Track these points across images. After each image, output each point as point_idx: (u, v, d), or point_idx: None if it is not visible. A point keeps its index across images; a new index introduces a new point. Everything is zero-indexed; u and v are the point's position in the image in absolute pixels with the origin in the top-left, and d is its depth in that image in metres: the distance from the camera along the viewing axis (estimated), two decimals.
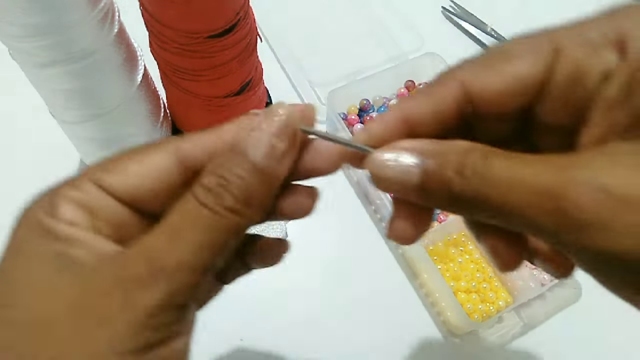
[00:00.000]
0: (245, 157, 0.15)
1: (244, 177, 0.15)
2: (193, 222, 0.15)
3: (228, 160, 0.15)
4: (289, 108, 0.16)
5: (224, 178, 0.15)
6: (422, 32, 0.48)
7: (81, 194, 0.16)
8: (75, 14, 0.28)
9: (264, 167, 0.15)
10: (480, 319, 0.35)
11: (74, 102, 0.33)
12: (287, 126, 0.15)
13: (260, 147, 0.15)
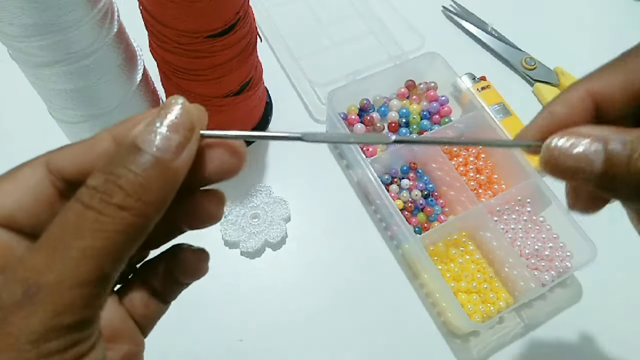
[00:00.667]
0: (136, 149, 0.14)
1: (136, 170, 0.14)
2: (75, 229, 0.13)
3: (118, 155, 0.14)
4: (184, 101, 0.15)
5: (113, 173, 0.14)
6: (422, 32, 0.48)
7: (29, 173, 0.15)
8: (74, 14, 0.28)
9: (158, 158, 0.14)
10: (480, 319, 0.35)
11: (73, 102, 0.33)
12: (182, 117, 0.15)
13: (153, 138, 0.14)
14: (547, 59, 0.49)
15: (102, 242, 0.13)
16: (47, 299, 0.12)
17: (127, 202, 0.13)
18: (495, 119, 0.44)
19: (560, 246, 0.38)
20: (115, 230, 0.13)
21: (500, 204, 0.39)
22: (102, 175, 0.14)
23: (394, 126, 0.44)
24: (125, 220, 0.13)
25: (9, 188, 0.15)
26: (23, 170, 0.16)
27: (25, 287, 0.13)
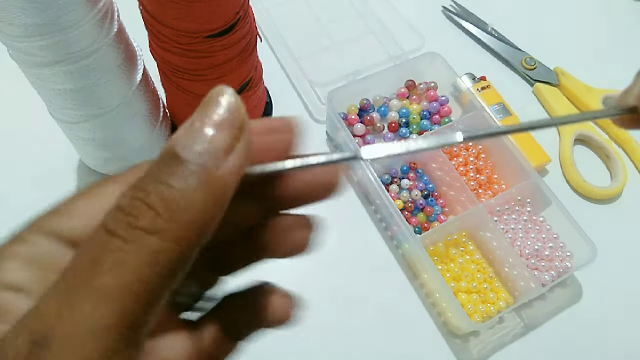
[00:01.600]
0: (173, 156, 0.11)
1: (169, 182, 0.11)
2: (94, 263, 0.10)
3: (152, 166, 0.11)
4: (231, 93, 0.12)
5: (142, 189, 0.11)
6: (422, 32, 0.48)
7: (29, 248, 0.12)
8: (74, 14, 0.28)
9: (197, 165, 0.11)
10: (480, 319, 0.35)
11: (73, 102, 0.33)
12: (227, 112, 0.12)
13: (191, 140, 0.11)
14: (547, 59, 0.49)
15: (125, 278, 0.10)
16: (59, 354, 0.10)
17: (156, 224, 0.10)
18: (495, 119, 0.44)
19: (560, 246, 0.38)
20: (140, 262, 0.10)
21: (500, 204, 0.39)
22: (130, 192, 0.11)
23: (393, 126, 0.44)
24: (153, 247, 0.10)
25: (86, 209, 0.13)
26: (101, 190, 0.13)
27: (34, 339, 0.10)
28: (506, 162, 0.41)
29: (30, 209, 0.14)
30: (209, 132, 0.11)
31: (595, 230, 0.37)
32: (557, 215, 0.38)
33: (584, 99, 0.46)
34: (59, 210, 0.13)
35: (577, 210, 0.39)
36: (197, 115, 0.12)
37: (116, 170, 0.40)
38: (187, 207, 0.11)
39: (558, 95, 0.47)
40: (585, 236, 0.36)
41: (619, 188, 0.42)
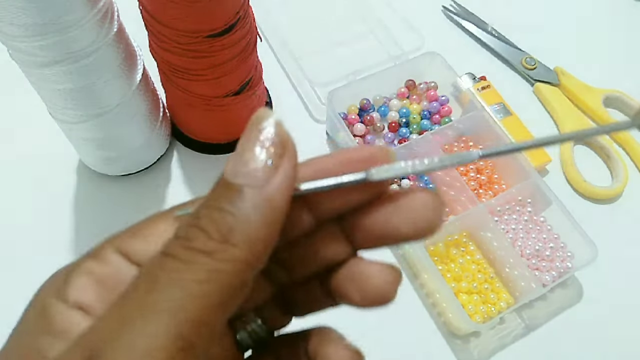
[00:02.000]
0: (223, 182, 0.12)
1: (219, 207, 0.11)
2: (150, 282, 0.11)
3: (204, 197, 0.12)
4: (270, 115, 0.12)
5: (197, 216, 0.11)
6: (422, 32, 0.48)
7: (100, 266, 0.13)
8: (74, 14, 0.28)
9: (243, 185, 0.11)
10: (481, 320, 0.35)
11: (73, 102, 0.33)
12: (271, 134, 0.12)
13: (237, 164, 0.12)
14: (547, 58, 0.49)
15: (178, 296, 0.10)
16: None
17: (209, 245, 0.11)
18: (495, 119, 0.44)
19: (561, 246, 0.38)
20: (194, 280, 0.10)
21: (500, 204, 0.39)
22: (186, 220, 0.12)
23: (394, 126, 0.43)
24: (207, 267, 0.11)
25: (165, 231, 0.13)
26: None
27: (87, 355, 0.10)
28: (506, 162, 0.41)
29: (30, 209, 0.14)
30: (252, 154, 0.12)
31: (595, 230, 0.37)
32: (558, 215, 0.38)
33: (585, 98, 0.46)
34: (134, 231, 0.13)
35: (578, 210, 0.39)
36: (241, 141, 0.12)
37: (115, 170, 0.40)
38: (237, 227, 0.11)
39: (558, 95, 0.47)
40: (586, 236, 0.36)
41: (619, 188, 0.42)
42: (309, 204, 0.14)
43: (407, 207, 0.13)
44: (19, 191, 0.40)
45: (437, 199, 0.13)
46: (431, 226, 0.13)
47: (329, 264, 0.14)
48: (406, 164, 0.13)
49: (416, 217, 0.13)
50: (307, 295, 0.15)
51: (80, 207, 0.40)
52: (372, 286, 0.14)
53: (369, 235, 0.14)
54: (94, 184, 0.41)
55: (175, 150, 0.43)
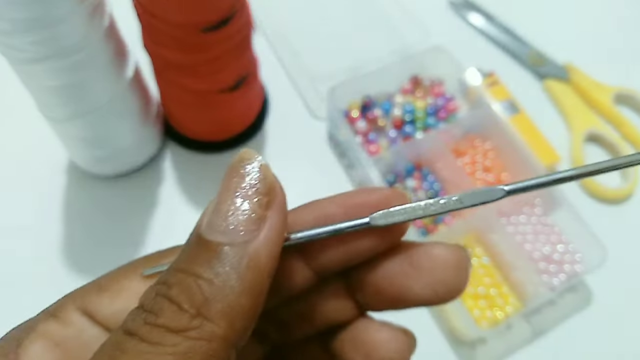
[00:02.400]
0: (199, 240, 0.10)
1: (194, 272, 0.09)
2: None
3: (177, 257, 0.10)
4: (254, 158, 0.11)
5: (164, 282, 0.10)
6: (427, 25, 0.46)
7: (60, 327, 0.11)
8: (63, 8, 0.27)
9: (223, 243, 0.09)
10: (488, 325, 0.34)
11: (62, 99, 0.32)
12: (254, 181, 0.10)
13: (215, 217, 0.10)
14: (556, 54, 0.48)
15: None
16: None
17: (180, 321, 0.09)
18: (503, 116, 0.42)
19: (570, 249, 0.37)
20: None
21: (508, 206, 0.38)
22: (153, 286, 0.10)
23: (397, 123, 0.42)
24: (178, 348, 0.09)
25: (132, 287, 0.11)
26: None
27: None
28: (515, 161, 0.40)
29: (17, 210, 0.13)
30: (233, 206, 0.10)
31: (605, 232, 0.35)
32: (567, 216, 0.37)
33: (595, 95, 0.45)
34: (100, 286, 0.12)
35: (587, 211, 0.38)
36: (220, 190, 0.10)
37: (106, 170, 0.39)
38: (214, 297, 0.09)
39: (568, 92, 0.45)
40: (596, 239, 0.35)
41: (630, 188, 0.41)
42: (306, 256, 0.12)
43: (425, 266, 0.12)
44: (6, 191, 0.39)
45: (461, 255, 0.12)
46: (453, 291, 0.12)
47: (332, 324, 0.13)
48: (418, 205, 0.12)
49: (435, 280, 0.12)
50: (305, 357, 0.13)
51: (70, 209, 0.38)
52: (379, 356, 0.12)
53: (378, 295, 0.12)
54: (85, 185, 0.39)
55: (169, 149, 0.42)
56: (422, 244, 0.12)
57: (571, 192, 0.41)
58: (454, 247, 0.12)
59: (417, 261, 0.12)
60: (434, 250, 0.12)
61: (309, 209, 0.12)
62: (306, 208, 0.12)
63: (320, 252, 0.12)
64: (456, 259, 0.11)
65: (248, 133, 0.42)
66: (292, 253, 0.12)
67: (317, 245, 0.12)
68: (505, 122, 0.41)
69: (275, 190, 0.11)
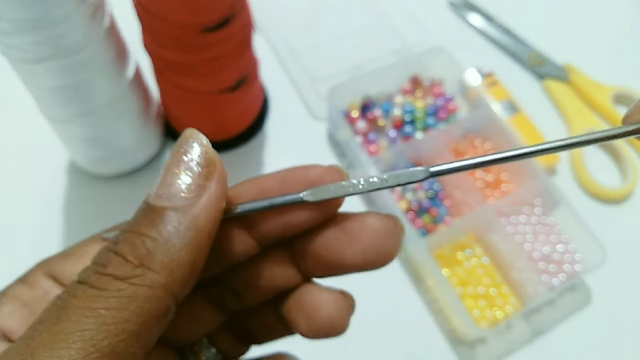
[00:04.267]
0: (144, 208, 0.11)
1: (140, 231, 0.11)
2: (60, 311, 0.10)
3: (127, 222, 0.11)
4: (197, 135, 0.12)
5: (116, 240, 0.11)
6: (427, 25, 0.46)
7: (28, 290, 0.13)
8: (64, 8, 0.27)
9: (166, 207, 0.11)
10: (488, 325, 0.34)
11: (64, 99, 0.32)
12: (195, 153, 0.11)
13: (160, 186, 0.11)
14: (556, 54, 0.48)
15: (91, 324, 0.09)
16: None
17: (124, 270, 0.10)
18: (503, 116, 0.42)
19: (570, 249, 0.37)
20: (107, 307, 0.10)
21: (508, 205, 0.38)
22: (107, 244, 0.11)
23: (397, 123, 0.42)
24: (122, 293, 0.10)
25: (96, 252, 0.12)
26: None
27: None
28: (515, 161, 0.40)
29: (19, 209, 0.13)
30: (177, 176, 0.11)
31: (604, 232, 0.36)
32: (567, 216, 0.37)
33: (594, 96, 0.45)
34: (66, 253, 0.13)
35: (587, 211, 0.38)
36: (167, 163, 0.12)
37: (106, 170, 0.39)
38: (157, 251, 0.10)
39: (568, 92, 0.45)
40: (595, 239, 0.35)
41: (629, 188, 0.41)
42: (247, 226, 0.13)
43: (356, 233, 0.12)
44: (6, 191, 0.39)
45: (391, 225, 0.12)
46: (382, 257, 0.12)
47: (279, 290, 0.14)
48: (348, 183, 0.12)
49: (365, 246, 0.12)
50: (262, 323, 0.14)
51: (70, 209, 0.38)
52: (320, 316, 0.13)
53: (317, 262, 0.13)
54: (85, 185, 0.39)
55: (169, 149, 0.42)
56: (358, 213, 0.13)
57: (571, 192, 0.41)
58: (386, 216, 0.13)
59: (350, 229, 0.13)
60: (366, 219, 0.13)
61: (249, 184, 0.13)
62: (247, 182, 0.13)
63: (260, 223, 0.13)
64: (386, 227, 0.12)
65: (248, 133, 0.42)
66: (235, 223, 0.13)
67: (257, 217, 0.13)
68: (505, 122, 0.41)
69: (215, 163, 0.12)
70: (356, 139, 0.40)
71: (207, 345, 0.15)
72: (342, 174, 0.13)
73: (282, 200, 0.13)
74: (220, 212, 0.12)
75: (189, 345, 0.15)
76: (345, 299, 0.14)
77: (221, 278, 0.14)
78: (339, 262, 0.13)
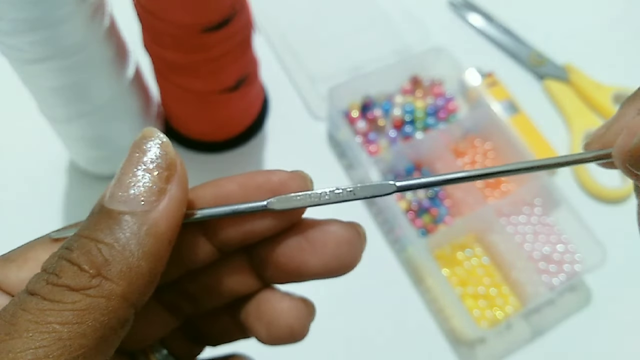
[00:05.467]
0: (99, 211, 0.10)
1: (96, 237, 0.10)
2: (9, 330, 0.09)
3: (81, 226, 0.11)
4: (157, 135, 0.11)
5: (67, 248, 0.10)
6: (427, 25, 0.46)
7: None
8: (64, 8, 0.27)
9: (123, 212, 0.10)
10: (488, 325, 0.34)
11: (64, 99, 0.32)
12: (155, 154, 0.11)
13: (117, 188, 0.10)
14: (556, 54, 0.48)
15: (45, 341, 0.09)
16: None
17: (79, 280, 0.09)
18: (503, 116, 0.42)
19: (570, 249, 0.37)
20: (62, 322, 0.09)
21: (508, 205, 0.38)
22: (56, 252, 0.10)
23: (397, 123, 0.42)
24: (78, 305, 0.09)
25: (39, 256, 0.12)
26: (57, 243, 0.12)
27: None
28: (515, 161, 0.39)
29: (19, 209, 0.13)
30: (134, 177, 0.10)
31: (605, 232, 0.36)
32: (567, 216, 0.37)
33: (594, 96, 0.45)
34: (8, 257, 0.12)
35: (587, 211, 0.38)
36: (123, 163, 0.11)
37: (106, 170, 0.39)
38: (114, 259, 0.10)
39: (568, 92, 0.45)
40: (595, 239, 0.35)
41: (629, 188, 0.41)
42: (207, 232, 0.13)
43: (319, 241, 0.12)
44: (6, 191, 0.39)
45: (354, 233, 0.12)
46: (344, 265, 0.12)
47: (237, 296, 0.13)
48: (314, 193, 0.12)
49: (327, 254, 0.12)
50: (217, 327, 0.14)
51: (70, 209, 0.38)
52: (280, 324, 0.13)
53: (278, 269, 0.13)
54: (85, 185, 0.39)
55: None
56: (320, 221, 0.13)
57: (571, 192, 0.41)
58: (348, 225, 0.12)
59: (313, 237, 0.12)
60: (328, 227, 0.12)
61: (209, 187, 0.13)
62: (207, 185, 0.13)
63: (221, 230, 0.13)
64: (349, 235, 0.12)
65: (248, 133, 0.42)
66: (193, 228, 0.12)
67: (218, 223, 0.13)
68: (505, 122, 0.41)
69: (176, 165, 0.11)
70: (356, 139, 0.40)
71: (158, 346, 0.14)
72: (306, 179, 0.13)
73: (245, 207, 0.12)
74: (181, 218, 0.11)
75: (141, 347, 0.14)
76: (306, 306, 0.14)
77: (178, 283, 0.13)
78: (301, 270, 0.13)
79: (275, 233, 0.13)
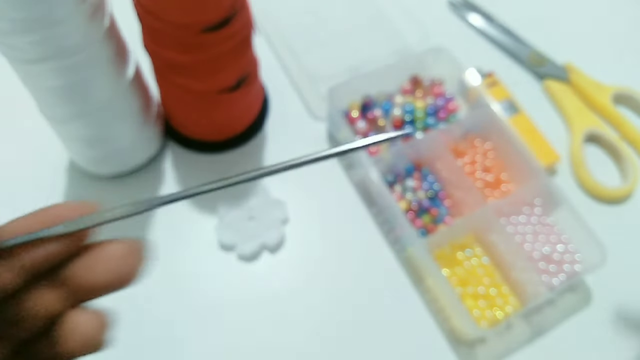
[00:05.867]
0: None
1: None
2: None
3: None
4: None
5: None
6: (427, 25, 0.46)
7: None
8: (64, 9, 0.27)
9: None
10: (488, 325, 0.34)
11: (63, 99, 0.32)
12: None
13: None
14: (556, 54, 0.48)
15: None
16: None
17: None
18: (503, 116, 0.42)
19: (570, 249, 0.37)
20: None
21: (508, 205, 0.38)
22: None
23: (397, 123, 0.42)
24: None
25: None
26: None
27: None
28: (514, 161, 0.40)
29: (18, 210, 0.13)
30: None
31: (605, 232, 0.35)
32: (567, 216, 0.37)
33: (594, 95, 0.45)
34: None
35: (587, 211, 0.38)
36: None
37: (106, 170, 0.39)
38: None
39: (568, 92, 0.45)
40: (595, 239, 0.35)
41: (629, 188, 0.41)
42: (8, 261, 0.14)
43: (101, 259, 0.14)
44: (6, 191, 0.39)
45: (127, 249, 0.14)
46: (122, 279, 0.14)
47: (50, 319, 0.15)
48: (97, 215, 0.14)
49: (107, 269, 0.14)
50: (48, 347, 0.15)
51: None
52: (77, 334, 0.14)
53: (78, 288, 0.14)
54: (85, 185, 0.39)
55: (169, 149, 0.42)
56: (103, 241, 0.14)
57: (571, 192, 0.41)
58: (125, 242, 0.14)
59: (96, 256, 0.14)
60: (106, 246, 0.14)
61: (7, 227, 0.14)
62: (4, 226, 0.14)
63: (18, 256, 0.14)
64: (123, 251, 0.14)
65: (248, 133, 0.42)
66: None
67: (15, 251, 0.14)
68: (505, 122, 0.41)
69: None
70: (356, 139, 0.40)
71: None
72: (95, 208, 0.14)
73: (37, 234, 0.14)
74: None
75: None
76: (98, 316, 0.15)
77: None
78: (90, 287, 0.14)
79: (69, 254, 0.14)
